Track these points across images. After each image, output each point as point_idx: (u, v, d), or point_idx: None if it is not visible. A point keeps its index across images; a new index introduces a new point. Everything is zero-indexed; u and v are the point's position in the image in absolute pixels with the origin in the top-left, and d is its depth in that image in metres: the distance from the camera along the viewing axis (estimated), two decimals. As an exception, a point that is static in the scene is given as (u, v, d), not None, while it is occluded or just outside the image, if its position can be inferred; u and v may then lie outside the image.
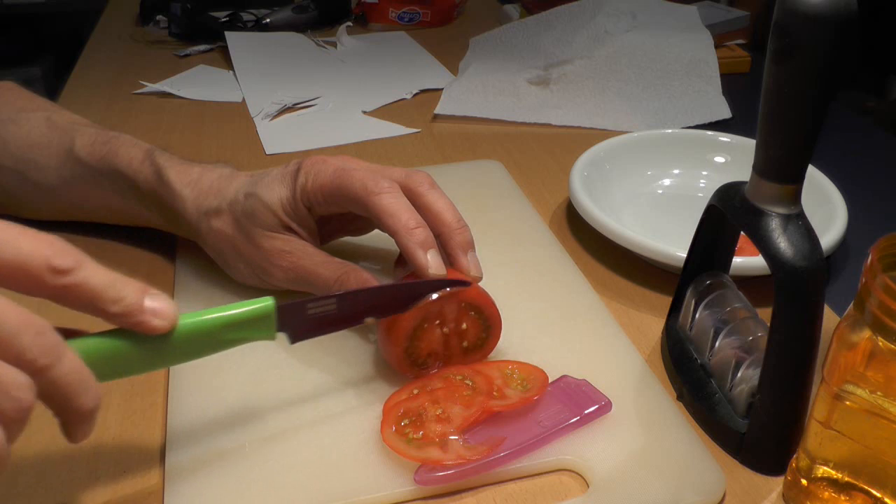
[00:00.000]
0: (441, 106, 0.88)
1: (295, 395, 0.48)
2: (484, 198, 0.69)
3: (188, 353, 0.39)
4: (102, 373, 0.36)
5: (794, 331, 0.41)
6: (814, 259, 0.40)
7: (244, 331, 0.40)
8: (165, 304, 0.37)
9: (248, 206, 0.52)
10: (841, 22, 0.36)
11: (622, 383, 0.48)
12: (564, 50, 0.97)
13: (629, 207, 0.68)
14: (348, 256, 0.53)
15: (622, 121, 0.85)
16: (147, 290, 0.37)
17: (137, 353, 0.37)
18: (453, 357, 0.48)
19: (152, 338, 0.37)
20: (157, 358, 0.38)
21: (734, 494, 0.43)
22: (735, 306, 0.49)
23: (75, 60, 1.07)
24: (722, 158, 0.72)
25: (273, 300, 0.41)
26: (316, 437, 0.45)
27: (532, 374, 0.47)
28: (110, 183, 0.58)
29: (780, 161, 0.41)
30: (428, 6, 1.17)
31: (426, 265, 0.47)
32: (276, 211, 0.51)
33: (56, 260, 0.33)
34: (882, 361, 0.36)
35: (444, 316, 0.47)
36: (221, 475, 0.42)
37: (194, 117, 0.89)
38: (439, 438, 0.43)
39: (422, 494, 0.42)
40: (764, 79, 0.39)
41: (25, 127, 0.61)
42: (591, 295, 0.57)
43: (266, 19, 1.13)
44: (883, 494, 0.38)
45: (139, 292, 0.36)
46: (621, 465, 0.43)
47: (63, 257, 0.34)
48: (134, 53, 1.08)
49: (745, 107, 0.87)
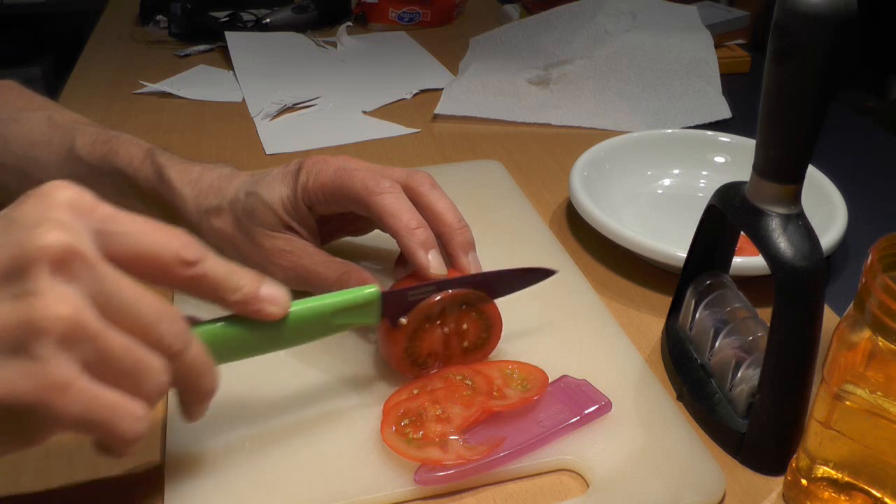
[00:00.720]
0: (441, 106, 0.88)
1: (295, 394, 0.48)
2: (484, 198, 0.69)
3: (299, 337, 0.42)
4: (220, 357, 0.39)
5: (794, 331, 0.41)
6: (814, 259, 0.40)
7: (351, 316, 0.43)
8: (279, 292, 0.40)
9: (249, 205, 0.52)
10: (841, 22, 0.36)
11: (622, 383, 0.48)
12: (564, 50, 0.97)
13: (629, 207, 0.68)
14: (348, 256, 0.53)
15: (622, 121, 0.85)
16: (262, 278, 0.40)
17: (252, 338, 0.40)
18: (453, 357, 0.48)
19: (266, 323, 0.40)
20: (270, 342, 0.41)
21: (734, 494, 0.43)
22: (735, 306, 0.49)
23: (75, 60, 1.07)
24: (722, 158, 0.72)
25: (378, 287, 0.44)
26: (316, 437, 0.45)
27: (532, 374, 0.47)
28: (111, 182, 0.58)
29: (780, 161, 0.41)
30: (428, 6, 1.17)
31: (427, 265, 0.47)
32: (276, 210, 0.51)
33: (185, 252, 0.36)
34: (882, 361, 0.36)
35: (445, 316, 0.47)
36: (221, 475, 0.42)
37: (194, 117, 0.89)
38: (439, 438, 0.43)
39: (422, 494, 0.42)
40: (764, 79, 0.39)
41: (26, 126, 0.61)
42: (591, 295, 0.57)
43: (266, 19, 1.13)
44: (883, 494, 0.38)
45: (256, 281, 0.39)
46: (621, 465, 0.43)
47: (190, 250, 0.37)
48: (134, 53, 1.09)
49: (745, 107, 0.87)
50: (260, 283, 0.39)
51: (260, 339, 0.41)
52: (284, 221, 0.52)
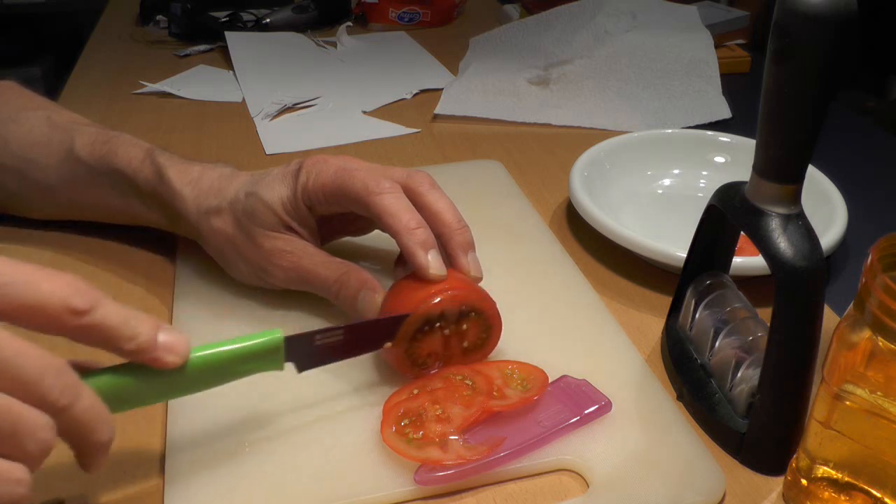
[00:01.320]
0: (441, 106, 0.88)
1: (295, 395, 0.48)
2: (484, 198, 0.69)
3: (198, 384, 0.40)
4: (115, 406, 0.37)
5: (794, 331, 0.41)
6: (814, 259, 0.40)
7: (253, 363, 0.41)
8: (178, 340, 0.38)
9: (249, 205, 0.52)
10: (841, 22, 0.36)
11: (622, 383, 0.48)
12: (564, 50, 0.97)
13: (629, 207, 0.68)
14: (348, 256, 0.53)
15: (622, 121, 0.85)
16: (160, 325, 0.37)
17: (149, 386, 0.38)
18: (453, 357, 0.48)
19: (164, 371, 0.38)
20: (168, 390, 0.39)
21: (734, 494, 0.43)
22: (735, 306, 0.49)
23: (75, 60, 1.07)
24: (722, 158, 0.72)
25: (281, 333, 0.42)
26: (316, 437, 0.45)
27: (532, 374, 0.47)
28: (110, 182, 0.58)
29: (780, 161, 0.41)
30: (428, 6, 1.17)
31: (427, 265, 0.47)
32: (276, 210, 0.51)
33: (74, 301, 0.34)
34: (882, 361, 0.36)
35: (446, 317, 0.47)
36: (221, 475, 0.42)
37: (194, 117, 0.89)
38: (439, 438, 0.43)
39: (422, 494, 0.42)
40: (764, 79, 0.39)
41: (26, 126, 0.61)
42: (591, 295, 0.57)
43: (266, 19, 1.13)
44: (883, 494, 0.38)
45: (153, 328, 0.37)
46: (621, 465, 0.43)
47: (81, 298, 0.35)
48: (134, 53, 1.08)
49: (745, 107, 0.87)
50: (157, 330, 0.37)
51: (158, 386, 0.39)
52: (284, 221, 0.52)
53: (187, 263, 0.60)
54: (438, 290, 0.47)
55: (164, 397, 0.40)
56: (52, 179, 0.60)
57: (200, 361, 0.39)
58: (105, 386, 0.37)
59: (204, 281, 0.57)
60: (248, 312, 0.55)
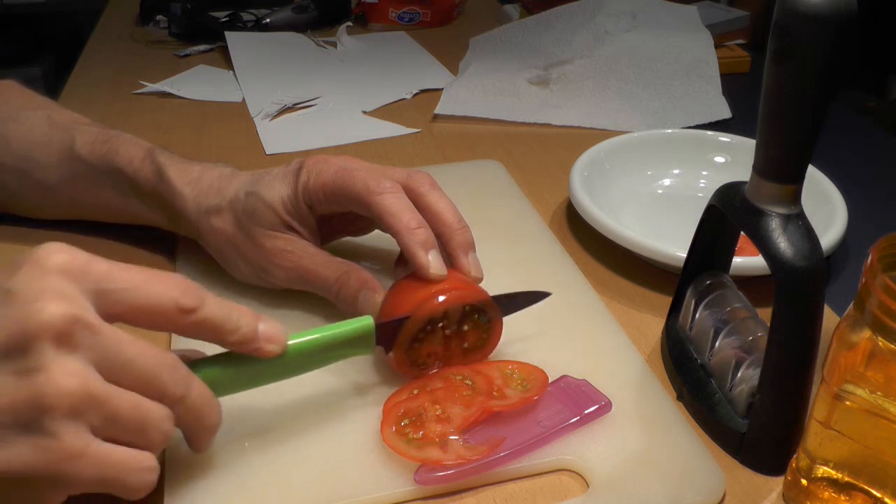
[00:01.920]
0: (441, 106, 0.88)
1: (295, 394, 0.47)
2: (484, 198, 0.69)
3: (296, 369, 0.43)
4: (220, 391, 0.40)
5: (794, 331, 0.41)
6: (814, 259, 0.40)
7: (347, 348, 0.44)
8: (277, 330, 0.41)
9: (249, 205, 0.52)
10: (841, 22, 0.36)
11: (622, 383, 0.48)
12: (564, 50, 0.97)
13: (629, 207, 0.68)
14: (348, 256, 0.53)
15: (622, 121, 0.85)
16: (259, 317, 0.41)
17: (251, 373, 0.42)
18: (453, 357, 0.48)
19: (264, 359, 0.41)
20: (269, 375, 0.42)
21: (734, 494, 0.43)
22: (735, 306, 0.49)
23: (75, 60, 1.07)
24: (722, 158, 0.72)
25: (371, 319, 0.45)
26: (316, 437, 0.45)
27: (532, 374, 0.47)
28: (111, 181, 0.58)
29: (780, 161, 0.41)
30: (428, 6, 1.17)
31: (427, 265, 0.47)
32: (277, 209, 0.51)
33: (183, 300, 0.38)
34: (882, 361, 0.36)
35: (447, 318, 0.47)
36: (221, 475, 0.42)
37: (194, 117, 0.89)
38: (439, 438, 0.43)
39: (422, 494, 0.42)
40: (764, 79, 0.39)
41: (26, 125, 0.61)
42: (591, 295, 0.57)
43: (266, 19, 1.13)
44: (883, 494, 0.38)
45: (253, 320, 0.40)
46: (621, 465, 0.43)
47: (189, 297, 0.38)
48: (134, 53, 1.08)
49: (745, 107, 0.87)
50: (257, 322, 0.40)
51: (258, 373, 0.42)
52: (285, 221, 0.52)
53: (187, 263, 0.59)
54: (439, 290, 0.47)
55: (263, 382, 0.42)
56: (52, 179, 0.60)
57: (298, 348, 0.42)
58: (210, 375, 0.40)
59: (204, 281, 0.57)
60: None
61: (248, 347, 0.40)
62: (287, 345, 0.41)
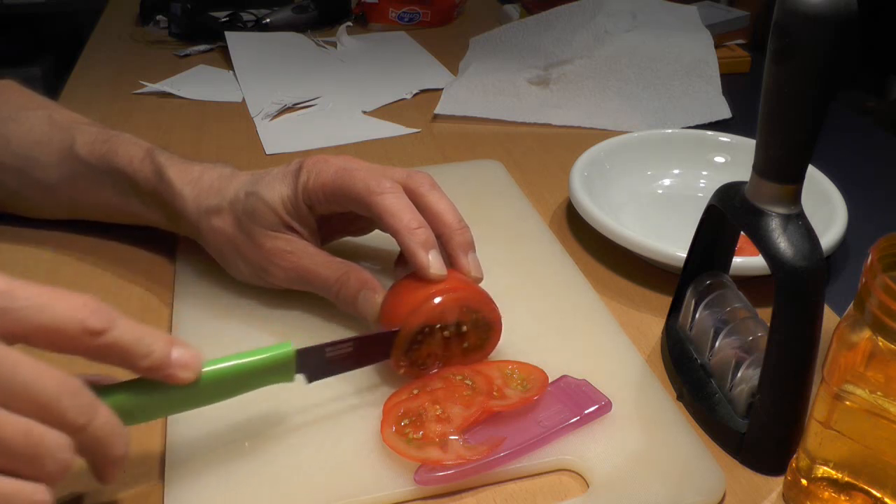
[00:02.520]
0: (441, 106, 0.88)
1: (294, 394, 0.47)
2: (484, 198, 0.69)
3: (210, 397, 0.41)
4: (129, 419, 0.38)
5: (794, 331, 0.41)
6: (814, 259, 0.40)
7: (264, 376, 0.42)
8: (191, 356, 0.39)
9: (249, 205, 0.52)
10: (841, 22, 0.36)
11: (622, 383, 0.48)
12: (564, 50, 0.97)
13: (629, 207, 0.68)
14: (348, 256, 0.53)
15: (622, 121, 0.85)
16: (173, 341, 0.38)
17: (162, 400, 0.39)
18: (453, 358, 0.48)
19: (177, 386, 0.39)
20: (181, 403, 0.40)
21: (734, 494, 0.43)
22: (735, 306, 0.49)
23: (75, 60, 1.07)
24: (722, 158, 0.72)
25: (292, 346, 0.42)
26: (316, 437, 0.45)
27: (532, 374, 0.47)
28: (111, 181, 0.58)
29: (780, 161, 0.41)
30: (428, 6, 1.17)
31: (427, 265, 0.47)
32: (277, 209, 0.51)
33: (90, 321, 0.35)
34: (882, 361, 0.36)
35: (446, 318, 0.47)
36: (221, 475, 0.42)
37: (194, 117, 0.89)
38: (439, 438, 0.43)
39: (422, 494, 0.42)
40: (764, 79, 0.39)
41: (26, 125, 0.61)
42: (591, 295, 0.57)
43: (266, 19, 1.13)
44: (883, 494, 0.38)
45: (166, 345, 0.38)
46: (621, 465, 0.43)
47: (97, 318, 0.35)
48: (134, 53, 1.08)
49: (745, 107, 0.87)
50: (171, 346, 0.38)
51: (171, 400, 0.40)
52: (284, 221, 0.52)
53: (187, 263, 0.59)
54: (439, 290, 0.47)
55: (176, 410, 0.41)
56: (52, 178, 0.60)
57: (212, 376, 0.40)
58: (119, 402, 0.38)
59: (204, 281, 0.57)
60: (248, 312, 0.55)
61: (159, 374, 0.38)
62: (201, 371, 0.39)
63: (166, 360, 0.38)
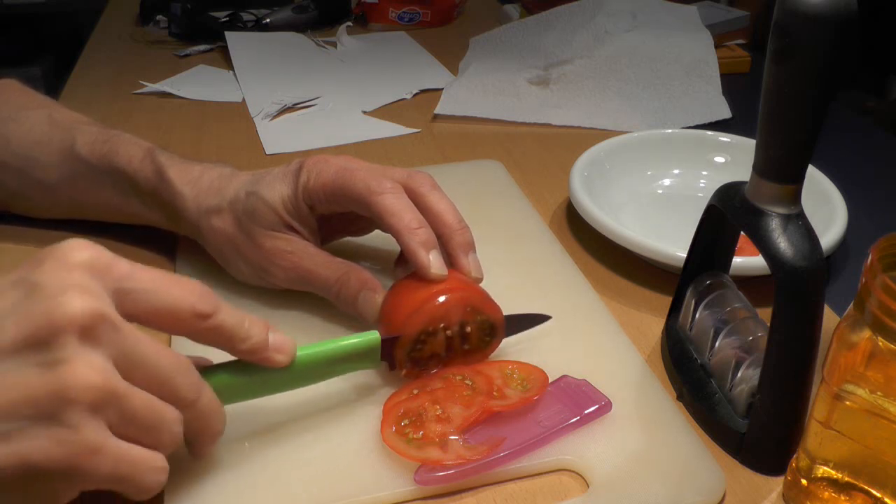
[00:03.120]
0: (441, 106, 0.88)
1: (295, 394, 0.47)
2: (484, 198, 0.69)
3: (302, 380, 0.44)
4: (226, 399, 0.41)
5: (794, 331, 0.41)
6: (814, 259, 0.40)
7: (353, 362, 0.45)
8: (286, 341, 0.42)
9: (250, 205, 0.52)
10: (841, 22, 0.36)
11: (622, 383, 0.48)
12: (564, 50, 0.97)
13: (629, 207, 0.68)
14: (348, 256, 0.53)
15: (622, 121, 0.85)
16: (270, 327, 0.41)
17: (258, 382, 0.42)
18: (455, 358, 0.48)
19: (272, 369, 0.42)
20: (276, 385, 0.43)
21: (734, 494, 0.43)
22: (735, 306, 0.49)
23: (75, 60, 1.07)
24: (722, 158, 0.72)
25: (378, 334, 0.45)
26: (316, 437, 0.45)
27: (532, 374, 0.47)
28: (111, 181, 0.58)
29: (780, 161, 0.41)
30: (428, 6, 1.17)
31: (428, 265, 0.47)
32: (277, 209, 0.51)
33: (200, 305, 0.38)
34: (882, 361, 0.36)
35: (450, 318, 0.47)
36: (222, 476, 0.42)
37: (194, 117, 0.89)
38: (439, 438, 0.43)
39: (422, 494, 0.42)
40: (764, 79, 0.39)
41: (27, 124, 0.61)
42: (591, 295, 0.57)
43: (266, 19, 1.13)
44: (883, 494, 0.38)
45: (264, 330, 0.41)
46: (621, 465, 0.43)
47: (205, 303, 0.38)
48: (134, 53, 1.08)
49: (745, 107, 0.87)
50: (268, 331, 0.41)
51: (266, 383, 0.42)
52: (285, 221, 0.52)
53: (187, 263, 0.59)
54: (441, 290, 0.47)
55: (271, 392, 0.43)
56: (52, 178, 0.60)
57: (305, 360, 0.43)
58: (220, 382, 0.41)
59: (204, 281, 0.57)
60: (248, 312, 0.54)
61: (257, 356, 0.41)
62: (295, 356, 0.42)
63: (264, 343, 0.40)
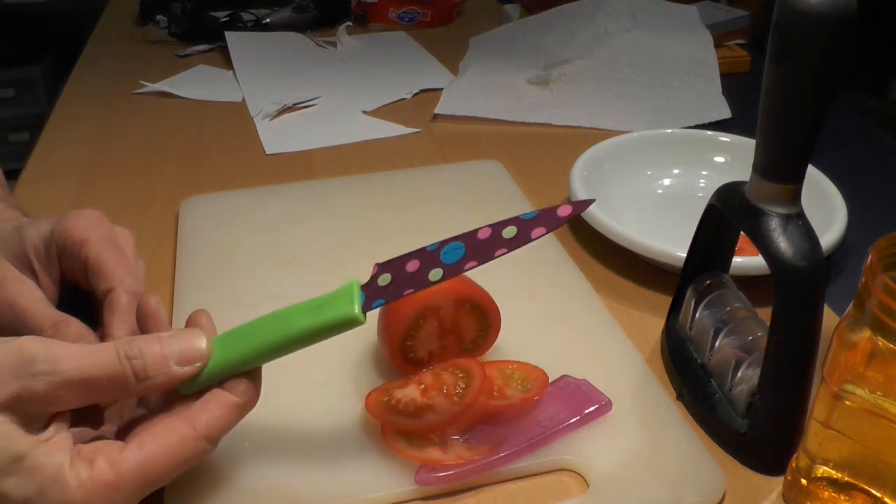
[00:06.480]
0: (441, 106, 0.88)
1: (295, 394, 0.48)
2: (484, 198, 0.69)
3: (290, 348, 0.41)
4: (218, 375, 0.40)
5: (794, 331, 0.41)
6: (814, 259, 0.40)
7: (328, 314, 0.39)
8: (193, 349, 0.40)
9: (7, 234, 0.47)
10: (841, 22, 0.36)
11: (622, 383, 0.48)
12: (564, 50, 0.97)
13: (629, 207, 0.68)
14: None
15: (622, 121, 0.85)
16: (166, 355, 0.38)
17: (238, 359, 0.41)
18: (450, 354, 0.48)
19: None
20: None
21: (734, 494, 0.43)
22: (735, 306, 0.49)
23: (75, 60, 1.07)
24: (722, 158, 0.72)
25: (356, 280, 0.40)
26: (316, 436, 0.45)
27: (532, 374, 0.47)
28: None
29: (780, 161, 0.41)
30: (428, 6, 1.17)
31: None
32: (28, 239, 0.46)
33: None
34: (882, 361, 0.36)
35: (442, 312, 0.47)
36: (221, 476, 0.42)
37: (194, 117, 0.89)
38: (439, 438, 0.43)
39: (422, 494, 0.42)
40: (764, 79, 0.39)
41: None
42: (592, 295, 0.57)
43: (266, 19, 1.13)
44: (883, 494, 0.38)
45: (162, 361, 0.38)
46: (621, 465, 0.43)
47: None
48: (134, 53, 1.09)
49: (745, 107, 0.87)
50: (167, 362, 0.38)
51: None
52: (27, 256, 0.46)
53: (187, 263, 0.60)
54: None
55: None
56: None
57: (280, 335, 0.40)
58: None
59: (204, 280, 0.57)
60: (248, 312, 0.54)
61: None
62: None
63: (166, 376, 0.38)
